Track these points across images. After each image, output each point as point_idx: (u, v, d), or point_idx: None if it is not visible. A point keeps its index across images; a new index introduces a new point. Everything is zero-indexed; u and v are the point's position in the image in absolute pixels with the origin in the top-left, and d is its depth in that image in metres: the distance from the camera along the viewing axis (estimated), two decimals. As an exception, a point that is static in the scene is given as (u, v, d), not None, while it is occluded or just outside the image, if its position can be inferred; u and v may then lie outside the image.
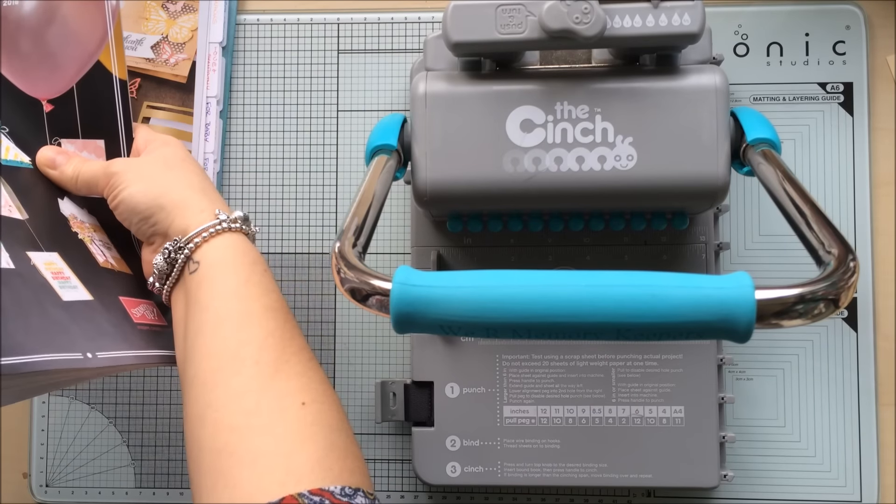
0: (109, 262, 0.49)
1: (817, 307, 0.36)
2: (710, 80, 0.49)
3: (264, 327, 0.43)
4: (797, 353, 0.60)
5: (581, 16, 0.46)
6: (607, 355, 0.56)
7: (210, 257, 0.46)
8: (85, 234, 0.49)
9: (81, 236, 0.48)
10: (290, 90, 0.63)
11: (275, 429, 0.40)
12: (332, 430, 0.41)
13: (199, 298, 0.45)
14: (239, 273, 0.45)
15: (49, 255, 0.45)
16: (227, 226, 0.47)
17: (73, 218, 0.49)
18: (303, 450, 0.39)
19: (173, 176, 0.49)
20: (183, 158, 0.51)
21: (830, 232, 0.40)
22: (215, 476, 0.39)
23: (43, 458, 0.62)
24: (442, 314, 0.37)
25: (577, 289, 0.36)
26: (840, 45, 0.60)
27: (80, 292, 0.45)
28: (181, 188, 0.48)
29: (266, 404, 0.40)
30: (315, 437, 0.40)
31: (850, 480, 0.59)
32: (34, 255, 0.45)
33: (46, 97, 0.48)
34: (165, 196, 0.47)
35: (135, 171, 0.49)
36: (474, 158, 0.49)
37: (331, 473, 0.38)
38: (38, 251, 0.45)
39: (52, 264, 0.45)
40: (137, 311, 0.49)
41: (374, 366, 0.61)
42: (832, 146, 0.60)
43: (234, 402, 0.40)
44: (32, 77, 0.48)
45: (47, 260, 0.45)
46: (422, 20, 0.62)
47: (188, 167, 0.50)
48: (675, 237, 0.56)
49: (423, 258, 0.57)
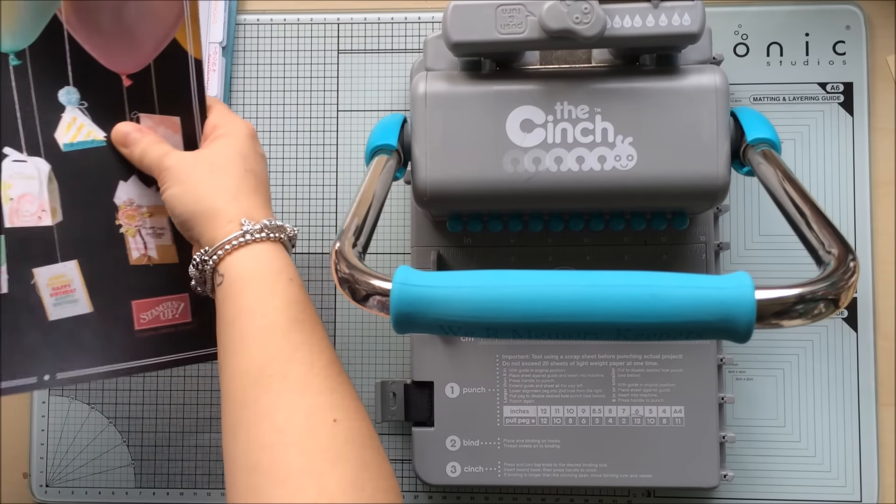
0: (147, 255, 0.50)
1: (817, 307, 0.36)
2: (710, 80, 0.49)
3: (291, 341, 0.42)
4: (797, 353, 0.60)
5: (581, 16, 0.46)
6: (607, 355, 0.56)
7: (233, 270, 0.45)
8: (133, 224, 0.50)
9: (125, 228, 0.50)
10: (290, 90, 0.63)
11: (306, 446, 0.39)
12: (364, 448, 0.40)
13: (224, 314, 0.44)
14: (261, 286, 0.44)
15: (63, 265, 0.49)
16: (252, 237, 0.45)
17: (129, 204, 0.50)
18: (334, 469, 0.38)
19: (212, 181, 0.47)
20: (229, 157, 0.48)
21: (830, 232, 0.40)
22: (248, 494, 0.38)
23: (43, 458, 0.62)
24: (442, 314, 0.37)
25: (577, 289, 0.36)
26: (840, 45, 0.60)
27: (78, 306, 0.49)
28: (215, 195, 0.47)
29: (296, 421, 0.40)
30: (348, 456, 0.39)
31: (850, 480, 0.59)
32: (41, 270, 0.48)
33: (126, 72, 0.49)
34: (199, 203, 0.47)
35: (180, 170, 0.48)
36: (474, 158, 0.49)
37: (364, 493, 0.38)
38: (50, 264, 0.48)
39: (59, 277, 0.48)
40: (149, 315, 0.50)
41: (374, 366, 0.61)
42: (832, 146, 0.60)
43: (264, 419, 0.40)
44: (112, 52, 0.49)
45: (56, 274, 0.48)
46: (422, 20, 0.62)
47: (230, 168, 0.48)
48: (675, 237, 0.56)
49: (423, 258, 0.57)
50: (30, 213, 0.49)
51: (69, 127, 0.49)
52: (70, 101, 0.50)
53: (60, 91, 0.49)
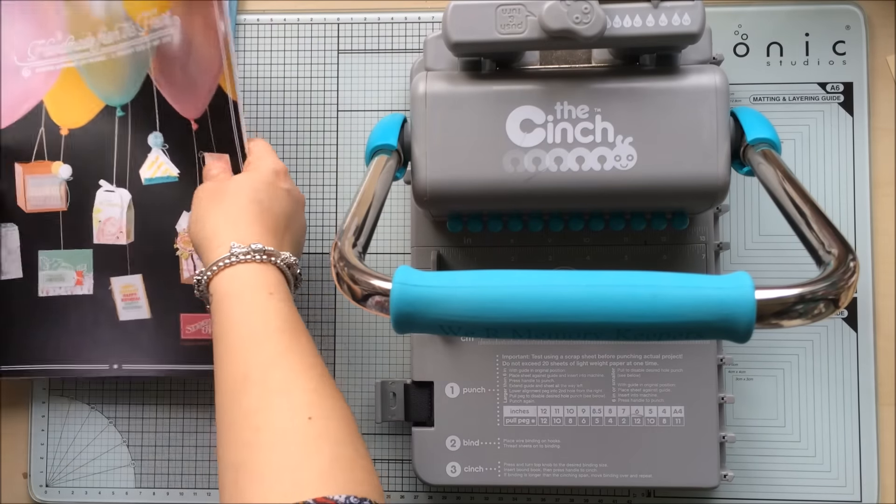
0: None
1: (817, 307, 0.36)
2: (710, 80, 0.49)
3: (271, 349, 0.45)
4: (797, 353, 0.60)
5: (581, 16, 0.46)
6: (607, 355, 0.56)
7: (219, 289, 0.48)
8: (188, 248, 0.59)
9: (181, 252, 0.60)
10: (290, 90, 0.63)
11: (282, 443, 0.41)
12: (337, 444, 0.41)
13: (215, 329, 0.47)
14: (243, 302, 0.47)
15: (132, 277, 0.60)
16: (238, 258, 0.48)
17: (186, 231, 0.59)
18: (308, 462, 0.40)
19: (215, 209, 0.51)
20: (239, 188, 0.52)
21: (830, 232, 0.40)
22: (231, 491, 0.41)
23: (43, 458, 0.62)
24: (442, 314, 0.37)
25: (577, 289, 0.36)
26: (840, 45, 0.60)
27: (141, 311, 0.60)
28: (214, 223, 0.51)
29: (274, 421, 0.42)
30: (321, 450, 0.41)
31: (850, 480, 0.59)
32: (116, 279, 0.60)
33: (193, 117, 0.58)
34: (202, 230, 0.51)
35: (196, 199, 0.53)
36: (474, 158, 0.49)
37: (336, 483, 0.39)
38: (123, 275, 0.60)
39: (128, 286, 0.60)
40: (193, 328, 0.59)
41: (374, 366, 0.61)
42: (832, 146, 0.60)
43: (245, 420, 0.42)
44: (183, 100, 0.58)
45: (126, 283, 0.60)
46: (422, 20, 0.62)
47: (236, 198, 0.51)
48: (675, 237, 0.56)
49: (423, 258, 0.57)
50: (111, 233, 0.60)
51: (151, 165, 0.60)
52: (156, 144, 0.60)
53: (150, 135, 0.59)
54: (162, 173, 0.60)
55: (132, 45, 0.58)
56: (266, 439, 0.41)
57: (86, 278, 0.60)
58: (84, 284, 0.60)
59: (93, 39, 0.59)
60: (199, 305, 0.56)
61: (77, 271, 0.60)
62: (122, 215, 0.60)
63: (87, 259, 0.60)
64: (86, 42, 0.59)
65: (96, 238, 0.60)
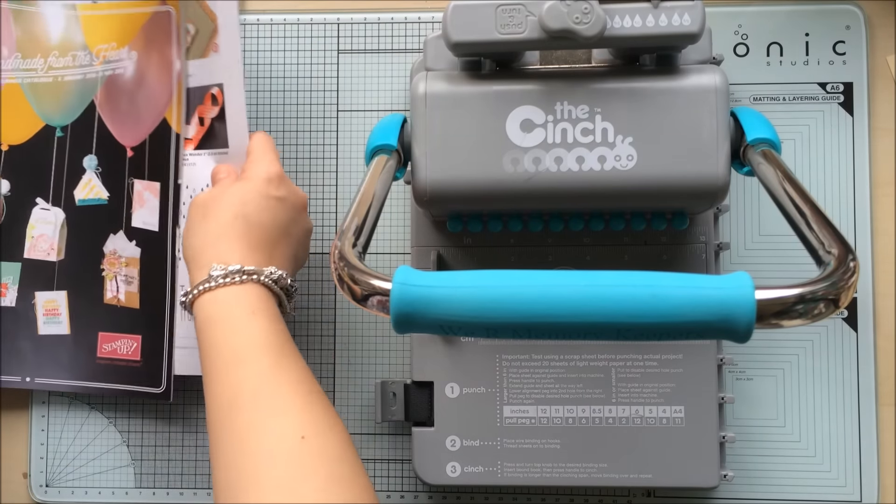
0: (118, 297, 0.60)
1: (817, 307, 0.36)
2: (710, 80, 0.49)
3: (258, 369, 0.44)
4: (797, 353, 0.60)
5: (581, 16, 0.46)
6: (607, 355, 0.56)
7: (201, 313, 0.48)
8: (112, 270, 0.60)
9: (106, 272, 0.60)
10: (290, 90, 0.63)
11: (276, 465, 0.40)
12: (332, 462, 0.41)
13: (200, 348, 0.47)
14: (225, 325, 0.47)
15: (57, 293, 0.61)
16: (216, 282, 0.48)
17: (113, 253, 0.60)
18: (304, 483, 0.40)
19: (200, 224, 0.51)
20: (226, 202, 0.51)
21: (830, 232, 0.40)
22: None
23: (43, 458, 0.62)
24: (442, 314, 0.37)
25: (577, 289, 0.36)
26: (840, 45, 0.60)
27: (61, 327, 0.61)
28: (200, 240, 0.51)
29: (266, 443, 0.41)
30: (316, 470, 0.40)
31: (850, 480, 0.59)
32: (41, 294, 0.61)
33: (130, 145, 0.60)
34: (188, 249, 0.51)
35: (191, 209, 0.53)
36: (474, 158, 0.49)
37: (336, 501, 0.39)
38: (48, 291, 0.61)
39: (51, 301, 0.61)
40: (109, 346, 0.60)
41: (374, 366, 0.61)
42: (832, 146, 0.60)
43: (238, 443, 0.42)
44: (124, 128, 0.60)
45: (50, 298, 0.61)
46: (422, 20, 0.62)
47: (220, 213, 0.51)
48: (675, 237, 0.56)
49: (423, 258, 0.57)
50: (43, 249, 0.62)
51: (84, 186, 0.61)
52: (90, 166, 0.61)
53: (85, 158, 0.61)
54: (94, 195, 0.61)
55: (83, 72, 0.60)
56: (260, 462, 0.41)
57: (9, 290, 0.61)
58: (7, 296, 0.61)
59: (42, 61, 0.61)
60: (117, 325, 0.60)
61: (3, 283, 0.61)
62: (54, 233, 0.61)
63: (14, 272, 0.61)
64: (34, 62, 0.61)
65: (27, 253, 0.61)
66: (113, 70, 0.60)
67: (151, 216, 0.59)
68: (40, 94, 0.61)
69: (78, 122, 0.61)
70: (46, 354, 0.61)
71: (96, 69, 0.60)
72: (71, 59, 0.60)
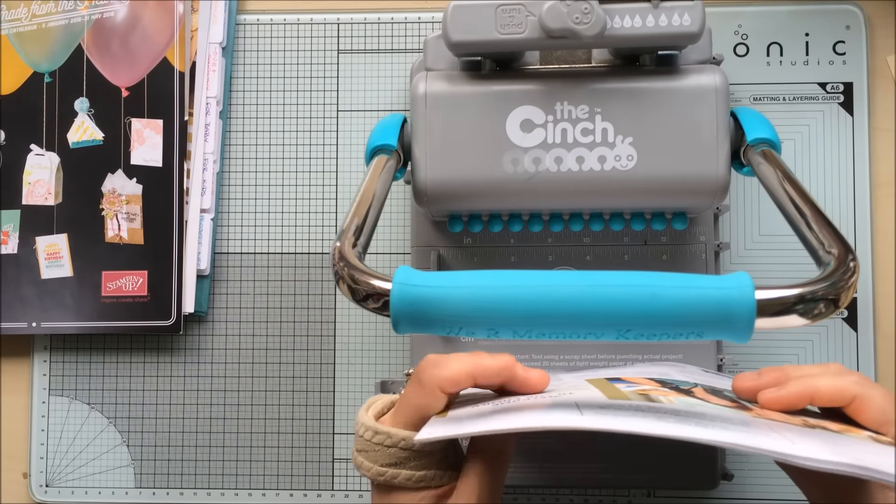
0: (120, 235, 0.62)
1: (817, 307, 0.36)
2: (710, 80, 0.49)
3: None
4: (797, 353, 0.60)
5: (581, 16, 0.46)
6: (607, 355, 0.56)
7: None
8: (112, 208, 0.62)
9: (105, 212, 0.62)
10: (290, 90, 0.63)
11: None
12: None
13: None
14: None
15: (57, 237, 0.62)
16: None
17: (112, 192, 0.62)
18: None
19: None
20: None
21: (830, 232, 0.40)
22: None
23: (43, 458, 0.62)
24: (442, 314, 0.37)
25: (577, 289, 0.36)
26: (840, 45, 0.60)
27: (63, 269, 0.62)
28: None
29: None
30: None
31: (850, 480, 0.59)
32: (42, 238, 0.63)
33: (125, 86, 0.62)
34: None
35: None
36: (474, 158, 0.49)
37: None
38: (48, 235, 0.62)
39: (53, 245, 0.63)
40: (114, 285, 0.61)
41: (374, 366, 0.61)
42: (832, 146, 0.60)
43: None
44: (117, 70, 0.62)
45: (51, 242, 0.63)
46: (422, 20, 0.62)
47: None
48: (675, 237, 0.56)
49: (423, 258, 0.57)
50: (40, 194, 0.63)
51: (78, 129, 0.63)
52: (82, 109, 0.63)
53: (76, 101, 0.63)
54: (88, 137, 0.62)
55: (67, 16, 0.62)
56: None
57: (11, 238, 0.63)
58: (9, 244, 0.63)
59: (25, 10, 0.63)
60: (121, 263, 0.61)
61: (3, 231, 0.63)
62: (50, 177, 0.62)
63: (14, 219, 0.63)
64: (18, 12, 0.63)
65: (25, 199, 0.63)
66: (101, 14, 0.62)
67: (154, 152, 0.61)
68: (26, 42, 0.63)
69: (65, 66, 0.62)
70: (50, 298, 0.62)
71: (81, 13, 0.62)
72: (54, 5, 0.62)
